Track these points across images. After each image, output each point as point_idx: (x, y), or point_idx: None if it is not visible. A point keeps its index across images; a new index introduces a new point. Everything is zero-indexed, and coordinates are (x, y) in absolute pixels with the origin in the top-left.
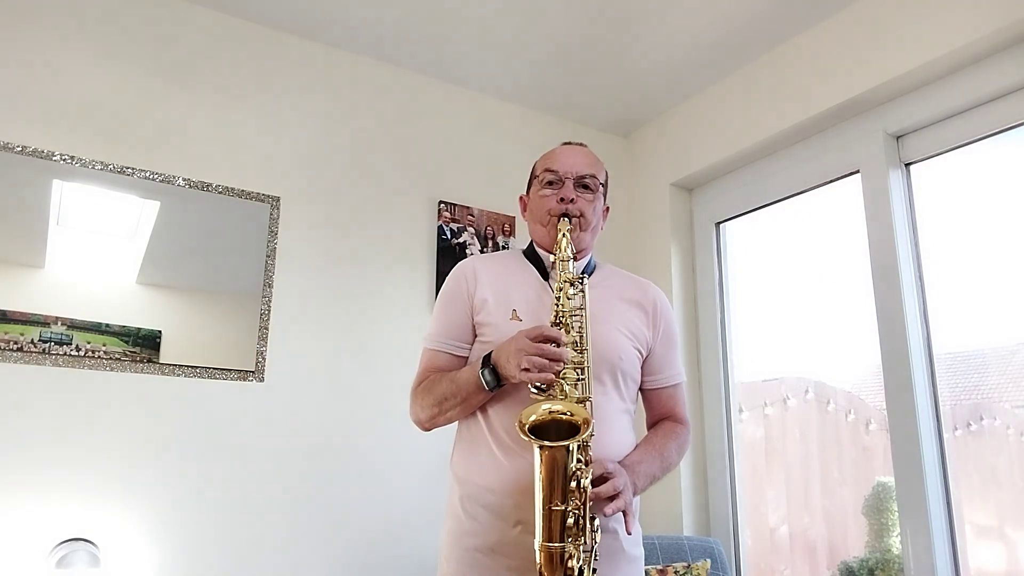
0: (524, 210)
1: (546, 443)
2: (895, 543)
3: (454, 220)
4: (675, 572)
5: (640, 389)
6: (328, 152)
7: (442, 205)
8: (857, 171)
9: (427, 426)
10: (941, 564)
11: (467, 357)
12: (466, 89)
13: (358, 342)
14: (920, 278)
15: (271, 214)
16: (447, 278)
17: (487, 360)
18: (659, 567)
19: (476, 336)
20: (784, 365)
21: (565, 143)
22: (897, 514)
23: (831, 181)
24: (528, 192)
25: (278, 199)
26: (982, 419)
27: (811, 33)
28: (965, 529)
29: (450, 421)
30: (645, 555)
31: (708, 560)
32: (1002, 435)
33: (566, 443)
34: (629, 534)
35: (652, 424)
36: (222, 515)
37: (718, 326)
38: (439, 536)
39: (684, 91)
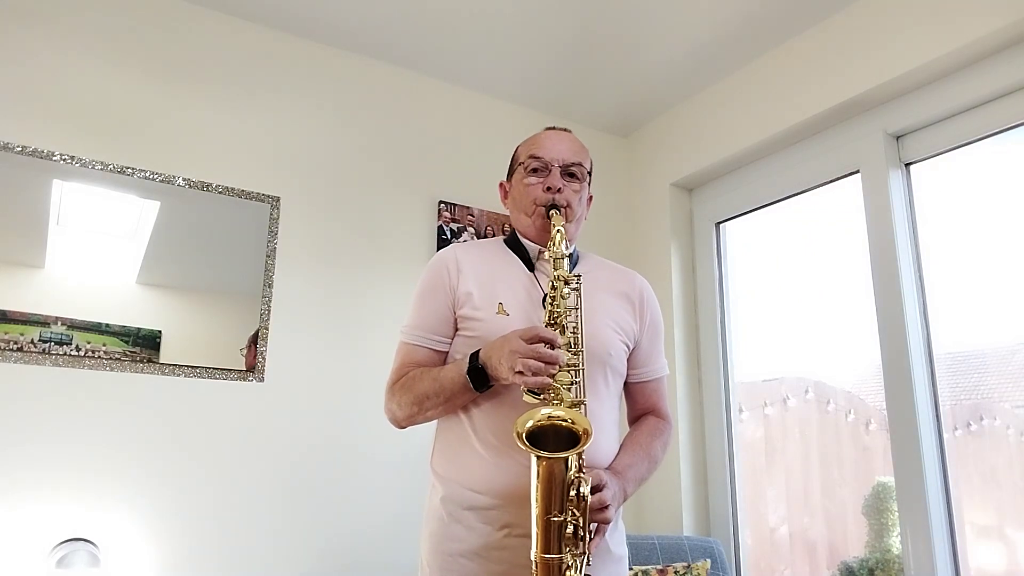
0: (504, 197)
1: (546, 454)
2: (895, 543)
3: (454, 220)
4: (675, 572)
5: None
6: (328, 152)
7: (442, 205)
8: (857, 171)
9: (404, 424)
10: (941, 564)
11: (447, 352)
12: (466, 89)
13: (358, 342)
14: (920, 278)
15: (271, 214)
16: (427, 267)
17: (474, 358)
18: (659, 567)
19: (458, 330)
20: (784, 365)
21: (549, 128)
22: (897, 514)
23: (831, 181)
24: (510, 179)
25: (278, 199)
26: (982, 419)
27: (811, 33)
28: (965, 529)
29: (429, 420)
30: (645, 556)
31: (708, 560)
32: (1002, 435)
33: (567, 454)
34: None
35: (634, 419)
36: (222, 515)
37: (718, 326)
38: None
39: (684, 91)
